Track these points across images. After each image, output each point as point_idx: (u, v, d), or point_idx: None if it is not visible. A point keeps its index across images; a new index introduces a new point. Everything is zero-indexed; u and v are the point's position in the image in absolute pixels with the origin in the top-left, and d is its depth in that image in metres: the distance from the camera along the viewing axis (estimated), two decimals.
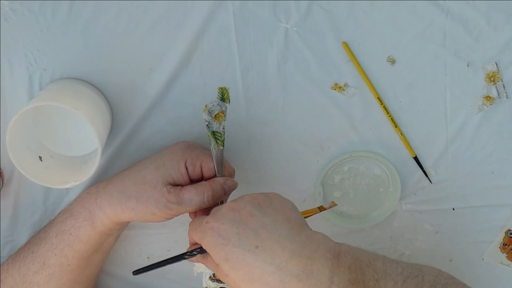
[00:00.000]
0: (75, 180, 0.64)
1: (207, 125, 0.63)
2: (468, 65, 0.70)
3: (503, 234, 0.78)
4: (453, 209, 0.77)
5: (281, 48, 0.68)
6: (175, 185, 0.65)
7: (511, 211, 0.76)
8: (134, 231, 0.77)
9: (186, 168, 0.65)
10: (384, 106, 0.71)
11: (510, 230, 0.77)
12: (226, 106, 0.64)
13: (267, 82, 0.70)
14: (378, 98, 0.71)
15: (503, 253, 0.79)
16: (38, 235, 0.69)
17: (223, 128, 0.64)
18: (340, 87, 0.70)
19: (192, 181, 0.66)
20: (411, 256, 0.79)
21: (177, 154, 0.66)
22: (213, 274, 0.70)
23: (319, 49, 0.69)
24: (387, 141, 0.73)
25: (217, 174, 0.65)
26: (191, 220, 0.65)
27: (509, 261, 0.79)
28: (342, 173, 0.75)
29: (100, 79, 0.68)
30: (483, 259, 0.79)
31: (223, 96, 0.70)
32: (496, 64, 0.70)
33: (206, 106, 0.63)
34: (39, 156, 0.67)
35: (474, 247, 0.79)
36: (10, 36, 0.66)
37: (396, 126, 0.72)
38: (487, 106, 0.71)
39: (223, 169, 0.66)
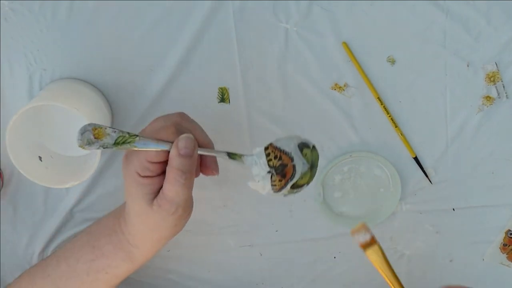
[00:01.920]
0: (75, 180, 0.64)
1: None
2: (468, 65, 0.70)
3: (503, 235, 0.77)
4: (453, 209, 0.77)
5: (281, 48, 0.68)
6: (156, 195, 0.59)
7: (511, 211, 0.76)
8: None
9: (142, 176, 0.58)
10: (384, 106, 0.71)
11: (510, 230, 0.77)
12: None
13: (267, 82, 0.70)
14: (378, 98, 0.71)
15: (503, 253, 0.79)
16: (59, 267, 0.67)
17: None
18: (340, 87, 0.70)
19: (163, 173, 0.59)
20: (411, 256, 0.79)
21: (125, 176, 0.60)
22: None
23: (319, 49, 0.69)
24: (387, 141, 0.73)
25: (169, 151, 0.57)
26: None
27: (509, 262, 0.79)
28: (342, 174, 0.75)
29: (100, 79, 0.68)
30: (483, 260, 0.79)
31: (223, 96, 0.70)
32: (496, 64, 0.69)
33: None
34: (39, 156, 0.67)
35: (474, 248, 0.79)
36: (10, 36, 0.66)
37: (396, 126, 0.72)
38: (487, 106, 0.71)
39: (165, 142, 0.57)
